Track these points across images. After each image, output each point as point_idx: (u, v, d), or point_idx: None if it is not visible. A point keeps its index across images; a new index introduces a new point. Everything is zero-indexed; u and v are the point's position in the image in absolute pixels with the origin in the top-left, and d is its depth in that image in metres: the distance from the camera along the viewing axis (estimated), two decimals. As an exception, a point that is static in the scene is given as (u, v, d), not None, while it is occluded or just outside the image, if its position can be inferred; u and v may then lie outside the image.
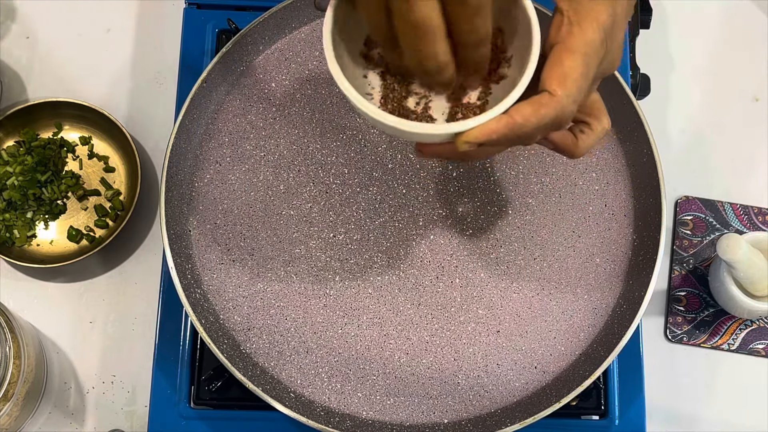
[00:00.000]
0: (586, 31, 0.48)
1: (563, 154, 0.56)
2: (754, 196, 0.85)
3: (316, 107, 0.75)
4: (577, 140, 0.55)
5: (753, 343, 0.81)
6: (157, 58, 0.87)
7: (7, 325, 0.70)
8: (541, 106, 0.48)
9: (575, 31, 0.48)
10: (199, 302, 0.69)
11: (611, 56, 0.51)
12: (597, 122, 0.55)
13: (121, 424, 0.78)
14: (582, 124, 0.55)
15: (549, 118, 0.48)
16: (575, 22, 0.49)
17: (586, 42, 0.48)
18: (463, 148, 0.49)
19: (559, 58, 0.48)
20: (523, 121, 0.48)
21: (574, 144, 0.55)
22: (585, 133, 0.55)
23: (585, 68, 0.48)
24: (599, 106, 0.55)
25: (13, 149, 0.81)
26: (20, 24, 0.87)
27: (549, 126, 0.49)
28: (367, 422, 0.69)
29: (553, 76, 0.48)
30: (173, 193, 0.71)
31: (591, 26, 0.48)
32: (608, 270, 0.72)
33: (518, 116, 0.48)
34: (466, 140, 0.49)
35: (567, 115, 0.49)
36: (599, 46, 0.49)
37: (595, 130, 0.55)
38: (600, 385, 0.75)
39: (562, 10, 0.49)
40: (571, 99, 0.48)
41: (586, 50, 0.48)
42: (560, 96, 0.48)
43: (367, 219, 0.73)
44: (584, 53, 0.48)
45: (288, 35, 0.76)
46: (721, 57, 0.90)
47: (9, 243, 0.79)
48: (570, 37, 0.48)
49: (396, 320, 0.71)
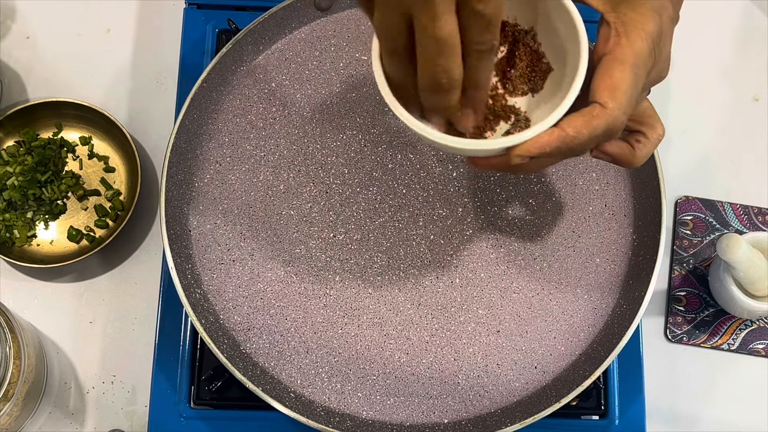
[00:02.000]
0: (635, 42, 0.49)
1: (621, 165, 0.56)
2: (754, 196, 0.85)
3: (316, 107, 0.75)
4: (634, 150, 0.56)
5: (753, 343, 0.81)
6: (157, 58, 0.87)
7: (7, 325, 0.70)
8: (592, 118, 0.48)
9: (623, 42, 0.49)
10: (199, 302, 0.69)
11: (660, 66, 0.51)
12: (652, 131, 0.56)
13: (121, 424, 0.78)
14: (637, 134, 0.56)
15: (601, 129, 0.49)
16: (623, 33, 0.49)
17: (634, 53, 0.49)
18: (516, 161, 0.49)
19: (608, 70, 0.49)
20: (575, 133, 0.48)
21: (632, 154, 0.56)
22: (641, 143, 0.56)
23: (634, 79, 0.49)
24: (651, 113, 0.56)
25: (13, 149, 0.81)
26: (20, 24, 0.87)
27: (600, 137, 0.49)
28: (367, 422, 0.69)
29: (603, 87, 0.48)
30: (173, 193, 0.71)
31: (639, 37, 0.49)
32: (608, 270, 0.72)
33: (570, 129, 0.48)
34: (519, 154, 0.49)
35: (618, 126, 0.49)
36: (647, 56, 0.49)
37: (651, 138, 0.56)
38: (600, 385, 0.75)
39: (609, 21, 0.50)
40: (621, 110, 0.48)
41: (635, 61, 0.49)
42: (611, 108, 0.48)
43: (367, 219, 0.73)
44: (633, 64, 0.48)
45: (288, 35, 0.76)
46: (721, 57, 0.89)
47: (9, 243, 0.79)
48: (618, 48, 0.49)
49: (396, 320, 0.71)
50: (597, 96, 0.49)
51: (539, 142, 0.49)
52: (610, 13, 0.50)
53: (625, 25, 0.49)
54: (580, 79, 0.49)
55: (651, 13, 0.49)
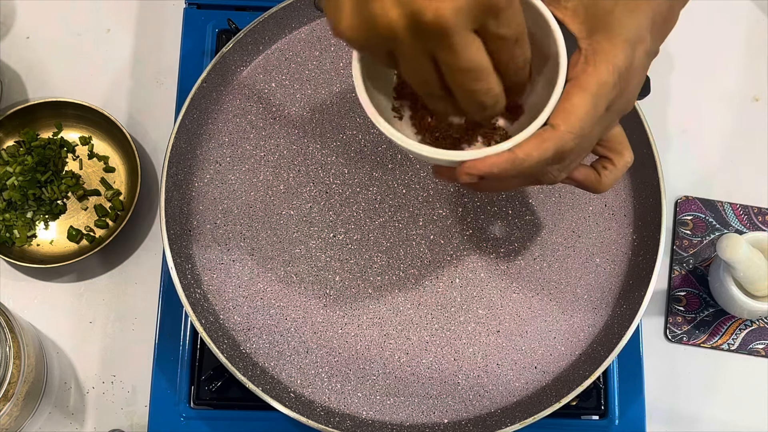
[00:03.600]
0: (600, 72, 0.49)
1: (587, 191, 0.57)
2: (754, 196, 0.85)
3: (316, 107, 0.75)
4: (600, 177, 0.56)
5: (753, 343, 0.81)
6: (157, 58, 0.87)
7: (7, 325, 0.70)
8: (542, 141, 0.49)
9: (589, 71, 0.49)
10: (199, 302, 0.69)
11: (625, 98, 0.51)
12: (619, 157, 0.56)
13: (121, 424, 0.78)
14: (604, 160, 0.56)
15: (550, 152, 0.49)
16: (591, 61, 0.49)
17: (598, 82, 0.49)
18: (464, 178, 0.49)
19: (568, 94, 0.49)
20: (524, 156, 0.49)
21: (597, 181, 0.56)
22: (607, 169, 0.56)
23: (592, 108, 0.49)
24: (621, 140, 0.56)
25: (13, 149, 0.81)
26: (20, 24, 0.87)
27: (550, 160, 0.49)
28: (367, 422, 0.69)
29: (559, 110, 0.49)
30: (173, 193, 0.71)
31: (606, 69, 0.49)
32: (608, 270, 0.72)
33: (520, 151, 0.49)
34: (466, 171, 0.49)
35: (567, 150, 0.49)
36: (611, 88, 0.49)
37: (618, 165, 0.56)
38: (600, 385, 0.75)
39: (582, 48, 0.50)
40: (573, 134, 0.49)
41: (597, 91, 0.49)
42: (562, 131, 0.48)
43: (367, 219, 0.73)
44: (594, 93, 0.49)
45: (288, 35, 0.76)
46: (721, 57, 0.89)
47: (9, 243, 0.79)
48: (583, 76, 0.49)
49: (396, 320, 0.71)
50: (551, 118, 0.49)
51: (486, 162, 0.49)
52: (584, 40, 0.50)
53: (595, 53, 0.49)
54: (548, 110, 0.49)
55: (624, 45, 0.49)
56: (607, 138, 0.55)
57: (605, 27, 0.50)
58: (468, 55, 0.44)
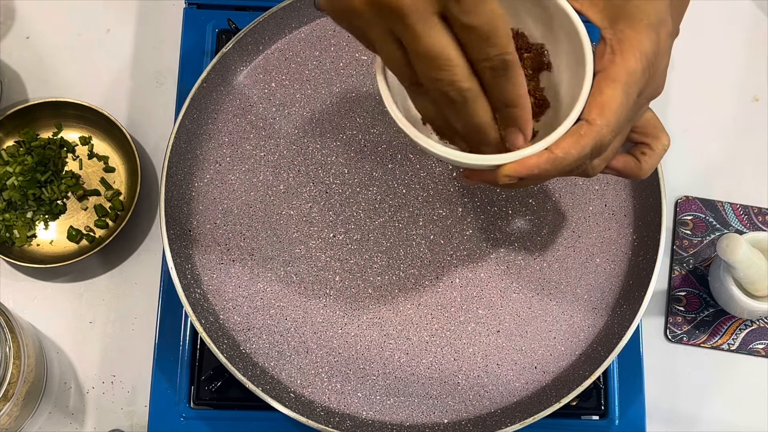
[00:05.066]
0: (628, 61, 0.48)
1: (628, 178, 0.57)
2: (754, 196, 0.85)
3: (316, 107, 0.75)
4: (640, 163, 0.56)
5: (753, 343, 0.81)
6: (157, 58, 0.87)
7: (7, 325, 0.70)
8: (580, 137, 0.48)
9: (617, 60, 0.48)
10: (199, 302, 0.69)
11: (655, 83, 0.51)
12: (657, 141, 0.56)
13: (121, 424, 0.78)
14: (642, 146, 0.56)
15: (589, 148, 0.48)
16: (618, 51, 0.49)
17: (627, 72, 0.48)
18: (504, 181, 0.49)
19: (599, 87, 0.48)
20: (563, 154, 0.48)
21: (638, 167, 0.56)
22: (646, 155, 0.56)
23: (625, 98, 0.48)
24: (656, 124, 0.56)
25: (13, 149, 0.81)
26: (20, 24, 0.87)
27: (589, 156, 0.49)
28: (367, 422, 0.69)
29: (593, 104, 0.48)
30: (173, 193, 0.71)
31: (633, 56, 0.48)
32: (608, 270, 0.72)
33: (559, 150, 0.48)
34: (507, 173, 0.49)
35: (606, 144, 0.49)
36: (641, 75, 0.49)
37: (656, 149, 0.56)
38: (600, 385, 0.75)
39: (606, 38, 0.50)
40: (609, 128, 0.48)
41: (627, 80, 0.48)
42: (599, 125, 0.48)
43: (367, 219, 0.73)
44: (625, 83, 0.48)
45: (288, 35, 0.76)
46: (721, 57, 0.89)
47: (9, 243, 0.79)
48: (612, 66, 0.48)
49: (396, 320, 0.71)
50: (585, 113, 0.49)
51: (527, 163, 0.48)
52: (607, 29, 0.50)
53: (620, 42, 0.49)
54: (580, 105, 0.49)
55: (648, 31, 0.49)
56: (642, 124, 0.55)
57: (626, 15, 0.49)
58: (427, 39, 0.43)
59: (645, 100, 0.52)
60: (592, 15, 0.51)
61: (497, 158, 0.49)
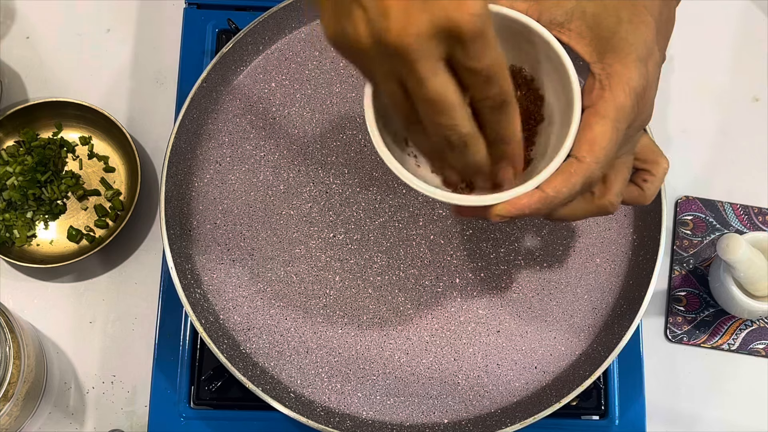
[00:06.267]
0: (618, 96, 0.48)
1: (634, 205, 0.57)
2: (754, 196, 0.85)
3: (316, 107, 0.75)
4: (643, 190, 0.56)
5: (753, 343, 0.81)
6: (157, 58, 0.87)
7: (7, 325, 0.70)
8: (570, 175, 0.48)
9: (606, 96, 0.48)
10: (199, 302, 0.69)
11: (644, 114, 0.51)
12: (656, 166, 0.56)
13: (121, 424, 0.78)
14: (643, 173, 0.56)
15: (579, 185, 0.48)
16: (607, 86, 0.48)
17: (617, 107, 0.48)
18: (495, 219, 0.49)
19: (588, 123, 0.48)
20: (555, 193, 0.48)
21: (642, 195, 0.56)
22: (648, 181, 0.56)
23: (615, 134, 0.48)
24: (653, 149, 0.56)
25: (13, 149, 0.81)
26: (20, 24, 0.87)
27: (579, 192, 0.49)
28: (367, 422, 0.69)
29: (582, 140, 0.48)
30: (173, 193, 0.71)
31: (623, 91, 0.48)
32: (608, 270, 0.72)
33: (549, 189, 0.48)
34: (498, 213, 0.49)
35: (595, 180, 0.49)
36: (630, 111, 0.48)
37: (657, 174, 0.56)
38: (600, 385, 0.75)
39: (595, 73, 0.49)
40: (599, 165, 0.48)
41: (617, 115, 0.48)
42: (588, 162, 0.48)
43: (367, 219, 0.73)
44: (614, 118, 0.48)
45: (288, 35, 0.76)
46: (721, 57, 0.89)
47: (9, 243, 0.79)
48: (601, 102, 0.48)
49: (396, 320, 0.71)
50: (575, 150, 0.48)
51: (518, 204, 0.48)
52: (596, 64, 0.49)
53: (609, 77, 0.48)
54: (569, 142, 0.49)
55: (637, 64, 0.48)
56: (639, 150, 0.55)
57: (614, 48, 0.49)
58: (431, 84, 0.43)
59: (634, 132, 0.51)
60: (580, 48, 0.50)
61: (488, 199, 0.49)
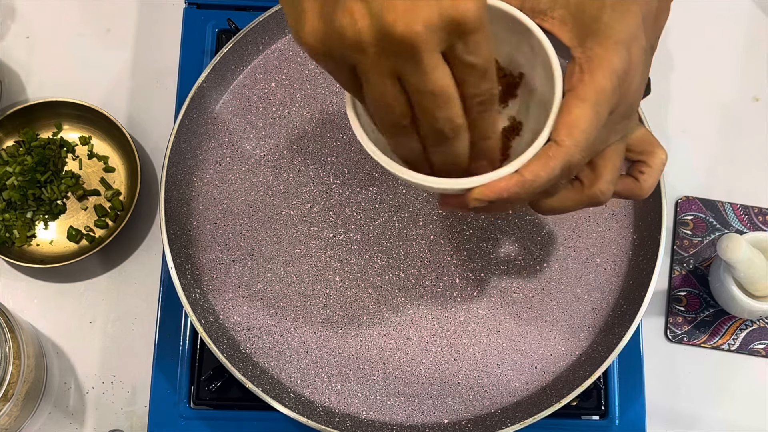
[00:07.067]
0: (597, 79, 0.48)
1: (630, 199, 0.55)
2: (754, 196, 0.85)
3: (316, 107, 0.75)
4: (639, 182, 0.55)
5: (753, 343, 0.81)
6: (157, 58, 0.87)
7: (7, 325, 0.70)
8: (548, 159, 0.47)
9: (586, 79, 0.48)
10: (199, 302, 0.69)
11: (628, 100, 0.50)
12: (653, 157, 0.55)
13: (121, 424, 0.78)
14: (639, 164, 0.55)
15: (558, 169, 0.48)
16: (587, 70, 0.48)
17: (596, 90, 0.47)
18: (473, 204, 0.48)
19: (567, 107, 0.48)
20: (533, 177, 0.47)
21: (639, 187, 0.55)
22: (645, 173, 0.55)
23: (595, 117, 0.48)
24: (650, 140, 0.55)
25: (13, 149, 0.81)
26: (20, 24, 0.87)
27: (560, 177, 0.49)
28: (367, 422, 0.69)
29: (561, 124, 0.48)
30: (173, 193, 0.71)
31: (603, 74, 0.48)
32: (608, 270, 0.72)
33: (527, 173, 0.48)
34: (476, 197, 0.48)
35: (575, 164, 0.48)
36: (611, 94, 0.48)
37: (654, 165, 0.55)
38: (600, 385, 0.75)
39: (575, 57, 0.49)
40: (578, 148, 0.48)
41: (597, 99, 0.47)
42: (567, 145, 0.47)
43: (367, 219, 0.73)
44: (594, 101, 0.47)
45: (288, 35, 0.76)
46: (721, 57, 0.89)
47: (9, 243, 0.79)
48: (581, 86, 0.48)
49: (396, 320, 0.71)
50: (554, 134, 0.48)
51: (496, 187, 0.48)
52: (576, 49, 0.49)
53: (590, 61, 0.48)
54: (549, 126, 0.48)
55: (618, 48, 0.48)
56: (635, 142, 0.54)
57: (595, 33, 0.48)
58: (435, 77, 0.43)
59: (619, 118, 0.50)
60: (562, 35, 0.50)
61: (467, 182, 0.48)
